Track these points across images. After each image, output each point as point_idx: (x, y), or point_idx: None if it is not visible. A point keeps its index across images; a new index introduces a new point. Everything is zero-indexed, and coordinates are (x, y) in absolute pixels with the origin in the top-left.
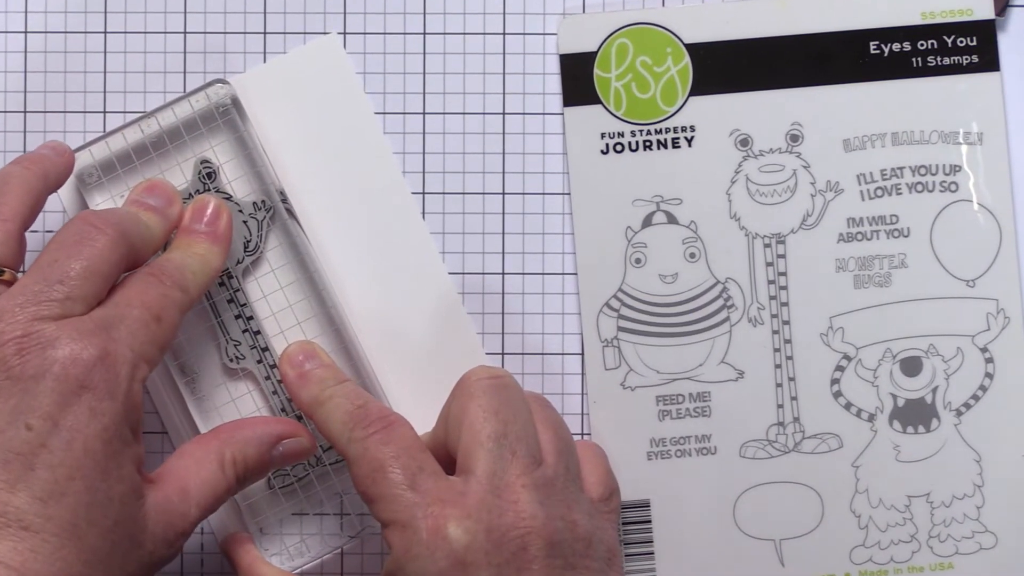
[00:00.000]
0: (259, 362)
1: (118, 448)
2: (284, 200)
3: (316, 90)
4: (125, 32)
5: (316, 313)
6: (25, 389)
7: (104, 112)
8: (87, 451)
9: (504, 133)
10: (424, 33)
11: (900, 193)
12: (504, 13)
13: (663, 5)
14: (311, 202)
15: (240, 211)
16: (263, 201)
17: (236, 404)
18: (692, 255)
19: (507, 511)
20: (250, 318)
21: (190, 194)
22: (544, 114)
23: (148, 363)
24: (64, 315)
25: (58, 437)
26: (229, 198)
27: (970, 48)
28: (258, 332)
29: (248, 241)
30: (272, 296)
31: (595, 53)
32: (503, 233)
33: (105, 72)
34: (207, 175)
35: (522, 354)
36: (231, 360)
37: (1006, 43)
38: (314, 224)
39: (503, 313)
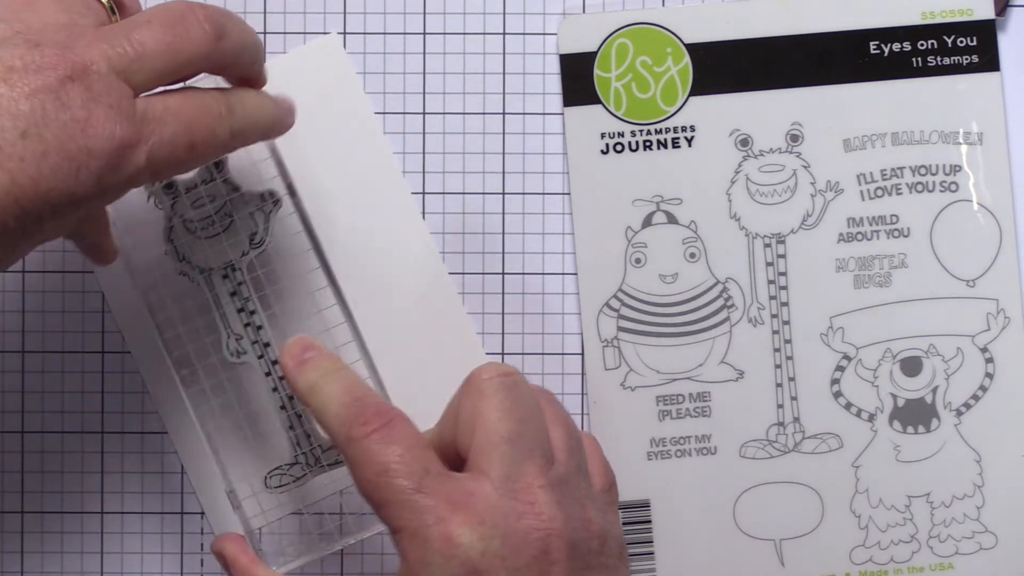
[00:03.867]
0: (260, 357)
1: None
2: (292, 194)
3: (316, 90)
4: None
5: (320, 309)
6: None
7: None
8: None
9: (504, 133)
10: (424, 33)
11: (900, 193)
12: (504, 13)
13: (663, 5)
14: (311, 202)
15: (246, 203)
16: (270, 193)
17: (236, 399)
18: (692, 255)
19: (526, 514)
20: (253, 312)
21: (196, 184)
22: (544, 114)
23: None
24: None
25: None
26: (237, 189)
27: (970, 48)
28: (260, 327)
29: (254, 234)
30: (271, 292)
31: (595, 53)
32: (503, 233)
33: None
34: (215, 164)
35: (522, 354)
36: (232, 355)
37: (1006, 43)
38: (314, 224)
39: (503, 313)
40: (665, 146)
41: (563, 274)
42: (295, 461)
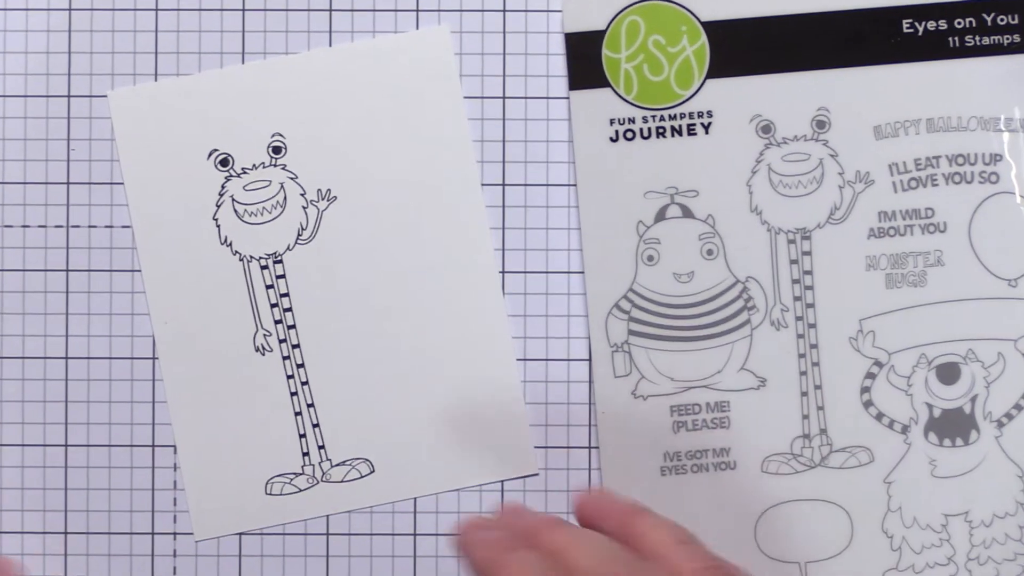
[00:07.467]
0: (286, 358)
1: None
2: (351, 194)
3: (414, 78)
4: (132, 32)
5: (354, 313)
6: None
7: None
8: None
9: (504, 119)
10: (417, 11)
11: (936, 184)
12: None
13: None
14: (379, 187)
15: (303, 195)
16: (328, 190)
17: (257, 392)
18: (709, 252)
19: None
20: (287, 310)
21: (254, 165)
22: (548, 98)
23: None
24: None
25: None
26: (294, 178)
27: (1011, 27)
28: (292, 326)
29: (303, 229)
30: (312, 290)
31: (604, 32)
32: (503, 228)
33: (112, 73)
34: (273, 149)
35: (524, 360)
36: (258, 349)
37: None
38: (376, 213)
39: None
40: (680, 133)
41: (569, 273)
42: (300, 472)
